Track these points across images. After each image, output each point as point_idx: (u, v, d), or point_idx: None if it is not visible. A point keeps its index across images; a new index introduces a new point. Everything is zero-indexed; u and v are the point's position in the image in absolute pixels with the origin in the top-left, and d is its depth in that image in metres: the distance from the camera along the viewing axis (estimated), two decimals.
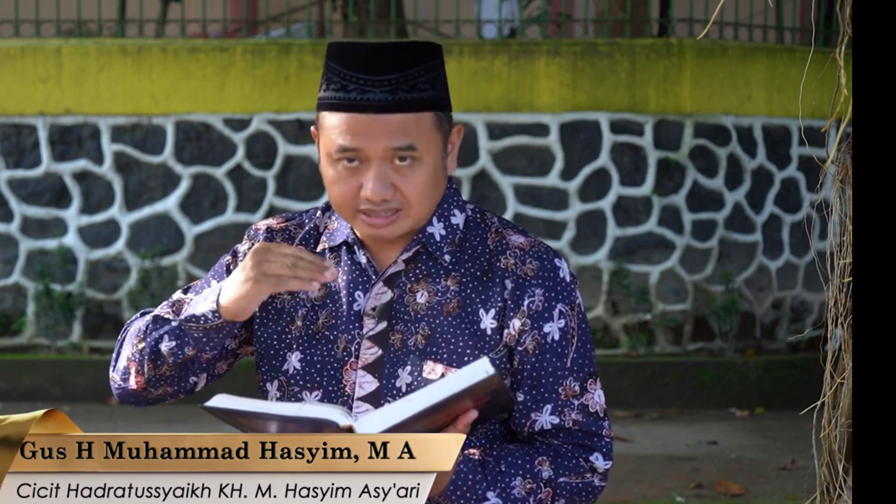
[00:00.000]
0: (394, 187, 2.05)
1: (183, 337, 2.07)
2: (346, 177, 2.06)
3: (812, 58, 2.94)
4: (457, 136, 2.15)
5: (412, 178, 2.05)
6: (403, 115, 2.04)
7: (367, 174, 2.04)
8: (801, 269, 8.79)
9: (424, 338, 2.08)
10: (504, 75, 8.23)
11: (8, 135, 8.40)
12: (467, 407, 1.93)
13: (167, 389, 2.15)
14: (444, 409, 1.90)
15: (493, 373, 1.88)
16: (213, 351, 2.10)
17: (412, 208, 2.07)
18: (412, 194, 2.05)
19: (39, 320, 8.34)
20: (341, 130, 2.04)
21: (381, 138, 2.03)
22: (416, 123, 2.05)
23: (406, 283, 2.11)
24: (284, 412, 1.92)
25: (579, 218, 8.32)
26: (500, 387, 1.94)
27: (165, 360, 2.09)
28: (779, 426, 7.41)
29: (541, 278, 2.10)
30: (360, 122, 2.03)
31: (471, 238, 2.15)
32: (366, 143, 2.03)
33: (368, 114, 2.03)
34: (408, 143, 2.04)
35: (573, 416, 2.11)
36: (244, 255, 2.19)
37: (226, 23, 8.77)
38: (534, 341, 2.09)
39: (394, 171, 2.04)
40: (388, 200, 2.05)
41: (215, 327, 2.04)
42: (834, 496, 2.52)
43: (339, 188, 2.07)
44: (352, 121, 2.04)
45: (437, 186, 2.10)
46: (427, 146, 2.06)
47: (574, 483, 2.09)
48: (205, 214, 8.37)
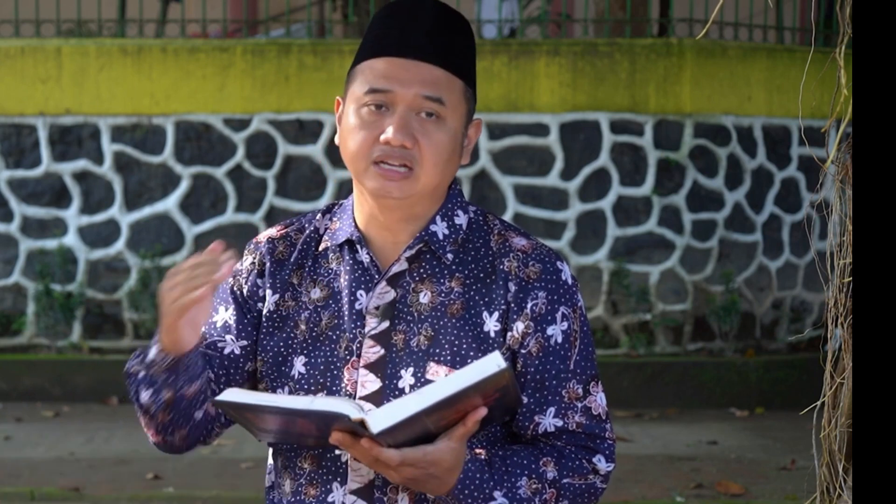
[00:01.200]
0: (414, 138, 2.04)
1: (153, 383, 2.05)
2: (369, 122, 2.05)
3: (812, 58, 2.93)
4: (475, 130, 2.15)
5: (434, 134, 2.05)
6: (439, 70, 2.06)
7: (390, 119, 2.04)
8: (801, 269, 8.79)
9: (427, 339, 2.08)
10: (504, 75, 8.23)
11: (8, 135, 8.41)
12: (477, 404, 1.92)
13: (182, 432, 2.13)
14: (455, 404, 1.90)
15: (504, 367, 1.87)
16: (195, 383, 2.07)
17: (424, 169, 2.05)
18: (428, 151, 2.04)
19: (39, 320, 8.34)
20: (376, 73, 2.05)
21: (414, 84, 2.04)
22: (447, 82, 2.06)
23: (409, 283, 2.11)
24: (296, 406, 1.91)
25: (579, 218, 8.32)
26: (510, 382, 1.93)
27: (153, 409, 2.08)
28: (779, 426, 7.41)
29: (544, 281, 2.10)
30: (397, 65, 2.04)
31: (473, 240, 2.14)
32: (399, 86, 2.04)
33: (407, 58, 2.04)
34: (438, 95, 2.05)
35: (576, 418, 2.11)
36: (246, 271, 2.18)
37: (226, 23, 8.77)
38: (537, 344, 2.09)
39: (417, 123, 2.04)
40: (407, 149, 2.03)
41: (173, 365, 2.03)
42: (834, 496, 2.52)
43: (360, 134, 2.06)
44: (389, 64, 2.05)
45: (451, 157, 2.09)
46: (453, 110, 2.07)
47: (577, 484, 2.09)
48: (205, 214, 8.37)
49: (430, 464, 1.94)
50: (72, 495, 5.85)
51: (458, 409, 1.91)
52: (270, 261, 2.16)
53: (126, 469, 6.33)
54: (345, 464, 2.07)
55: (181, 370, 2.04)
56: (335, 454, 2.07)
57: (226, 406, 1.95)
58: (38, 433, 7.17)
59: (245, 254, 2.21)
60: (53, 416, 7.67)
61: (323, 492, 2.07)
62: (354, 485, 2.06)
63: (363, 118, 2.06)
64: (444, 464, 1.95)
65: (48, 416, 7.64)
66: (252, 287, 2.16)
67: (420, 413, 1.87)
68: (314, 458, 2.09)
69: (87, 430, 7.25)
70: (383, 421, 1.87)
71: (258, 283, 2.16)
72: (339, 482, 2.07)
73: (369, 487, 2.05)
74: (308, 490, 2.09)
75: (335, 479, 2.07)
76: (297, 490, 2.10)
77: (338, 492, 2.07)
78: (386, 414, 1.88)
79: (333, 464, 2.07)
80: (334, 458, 2.07)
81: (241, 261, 2.21)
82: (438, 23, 2.08)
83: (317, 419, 1.90)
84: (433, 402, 1.87)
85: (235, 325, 2.15)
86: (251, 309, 2.16)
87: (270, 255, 2.17)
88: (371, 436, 1.88)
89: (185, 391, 2.06)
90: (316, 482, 2.08)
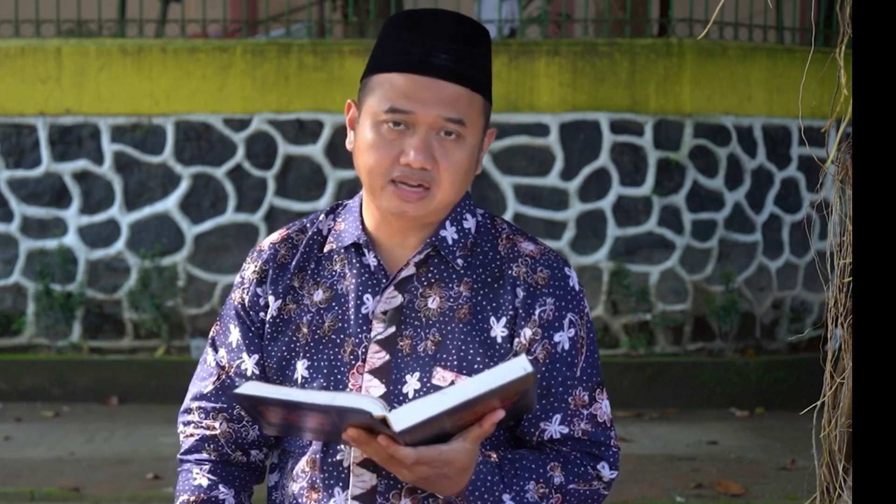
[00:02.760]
0: (433, 159, 2.01)
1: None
2: (389, 140, 2.02)
3: (812, 58, 2.94)
4: (489, 139, 2.13)
5: (453, 154, 2.02)
6: (462, 89, 2.02)
7: (410, 140, 2.01)
8: (801, 269, 8.79)
9: (435, 344, 2.06)
10: (504, 75, 8.23)
11: (8, 135, 8.40)
12: (495, 406, 1.91)
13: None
14: (475, 406, 1.89)
15: (531, 370, 1.86)
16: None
17: (441, 189, 2.03)
18: (448, 170, 2.02)
19: (39, 320, 8.34)
20: (397, 91, 2.01)
21: (437, 106, 2.00)
22: (469, 100, 2.03)
23: (418, 288, 2.09)
24: (317, 401, 1.90)
25: (579, 218, 8.32)
26: (531, 387, 1.92)
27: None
28: (779, 426, 7.41)
29: (552, 287, 2.09)
30: (419, 84, 2.00)
31: (482, 244, 2.13)
32: (421, 107, 2.00)
33: (430, 77, 2.00)
34: (459, 116, 2.01)
35: (582, 425, 2.10)
36: (248, 282, 2.17)
37: (226, 23, 8.77)
38: (544, 350, 2.08)
39: (437, 143, 2.02)
40: (427, 170, 2.01)
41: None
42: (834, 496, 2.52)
43: (378, 152, 2.02)
44: (411, 82, 2.00)
45: (468, 174, 2.07)
46: (473, 128, 2.04)
47: (582, 490, 2.08)
48: (205, 214, 8.37)
49: (445, 463, 1.93)
50: (72, 495, 5.85)
51: (475, 411, 1.90)
52: (273, 267, 2.15)
53: (126, 469, 6.33)
54: (347, 469, 2.06)
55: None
56: (337, 459, 2.07)
57: (245, 400, 1.94)
58: (38, 433, 7.17)
59: (247, 262, 2.20)
60: (53, 416, 7.67)
61: (324, 496, 2.07)
62: (357, 490, 2.05)
63: (382, 136, 2.02)
64: (457, 464, 1.94)
65: (48, 416, 7.64)
66: (252, 297, 2.15)
67: (443, 413, 1.86)
68: (316, 462, 2.08)
69: (87, 430, 7.25)
70: (406, 419, 1.86)
71: (258, 292, 2.15)
72: (340, 487, 2.06)
73: (371, 493, 2.04)
74: (310, 494, 2.08)
75: (336, 484, 2.06)
76: (298, 493, 2.10)
77: (339, 497, 2.06)
78: (409, 413, 1.87)
79: (335, 469, 2.07)
80: (336, 462, 2.07)
81: (243, 270, 2.19)
82: (460, 38, 2.03)
83: (336, 415, 1.89)
84: (458, 403, 1.85)
85: (243, 340, 2.15)
86: (254, 321, 2.15)
87: (273, 260, 2.15)
88: (390, 433, 1.87)
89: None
90: (318, 486, 2.08)
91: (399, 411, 1.88)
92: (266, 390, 1.93)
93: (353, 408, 1.87)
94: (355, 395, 1.97)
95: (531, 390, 1.93)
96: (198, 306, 8.36)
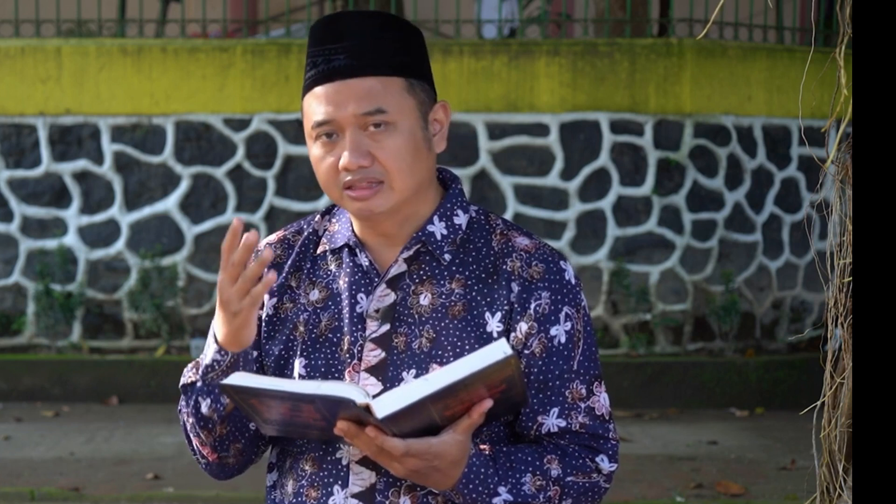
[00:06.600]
0: (370, 155, 2.03)
1: (212, 391, 2.06)
2: (326, 153, 2.05)
3: (812, 58, 2.94)
4: (442, 113, 2.13)
5: (387, 143, 2.04)
6: (369, 80, 2.04)
7: (342, 144, 2.04)
8: (801, 269, 8.79)
9: (429, 341, 2.07)
10: (504, 75, 8.23)
11: (8, 135, 8.41)
12: (483, 395, 1.92)
13: (238, 446, 2.13)
14: (460, 393, 1.89)
15: (510, 353, 1.87)
16: None
17: (392, 177, 2.04)
18: (388, 160, 2.04)
19: (39, 320, 8.34)
20: (316, 106, 2.05)
21: (349, 104, 2.03)
22: (383, 87, 2.04)
23: (409, 286, 2.10)
24: (302, 390, 1.91)
25: (579, 218, 8.32)
26: (516, 373, 1.92)
27: (214, 420, 2.09)
28: (779, 426, 7.41)
29: (547, 281, 2.09)
30: (328, 91, 2.04)
31: (475, 239, 2.13)
32: (336, 111, 2.03)
33: (334, 81, 2.03)
34: (375, 106, 2.03)
35: (580, 419, 2.10)
36: None
37: (226, 23, 8.77)
38: (540, 344, 2.08)
39: (369, 138, 2.04)
40: (366, 167, 2.03)
41: (230, 365, 2.03)
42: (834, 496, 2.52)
43: (322, 166, 2.06)
44: (321, 92, 2.05)
45: (417, 156, 2.07)
46: (399, 111, 2.05)
47: (581, 482, 2.08)
48: (205, 214, 8.38)
49: (435, 456, 1.93)
50: (72, 495, 5.85)
51: (463, 399, 1.91)
52: (269, 266, 2.16)
53: (126, 469, 6.33)
54: (346, 467, 2.06)
55: (241, 368, 2.04)
56: (336, 457, 2.07)
57: (232, 391, 1.95)
58: (38, 433, 7.17)
59: None
60: (53, 416, 7.67)
61: (324, 494, 2.07)
62: (356, 488, 2.05)
63: (320, 150, 2.06)
64: (448, 457, 1.94)
65: (48, 416, 7.65)
66: None
67: (425, 399, 1.87)
68: (315, 461, 2.09)
69: (87, 430, 7.25)
70: (389, 406, 1.87)
71: None
72: (340, 485, 2.06)
73: (370, 491, 2.05)
74: (309, 492, 2.09)
75: (336, 482, 2.07)
76: (297, 491, 2.10)
77: (339, 495, 2.06)
78: (391, 399, 1.88)
79: (335, 466, 2.07)
80: (335, 461, 2.07)
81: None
82: (358, 32, 2.05)
83: (323, 406, 1.90)
84: (439, 388, 1.86)
85: None
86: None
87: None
88: (376, 422, 1.88)
89: None
90: (317, 484, 2.08)
91: (381, 398, 1.88)
92: (252, 380, 1.93)
93: (336, 396, 1.88)
94: (339, 383, 1.98)
95: (517, 378, 1.94)
96: (198, 306, 8.36)
